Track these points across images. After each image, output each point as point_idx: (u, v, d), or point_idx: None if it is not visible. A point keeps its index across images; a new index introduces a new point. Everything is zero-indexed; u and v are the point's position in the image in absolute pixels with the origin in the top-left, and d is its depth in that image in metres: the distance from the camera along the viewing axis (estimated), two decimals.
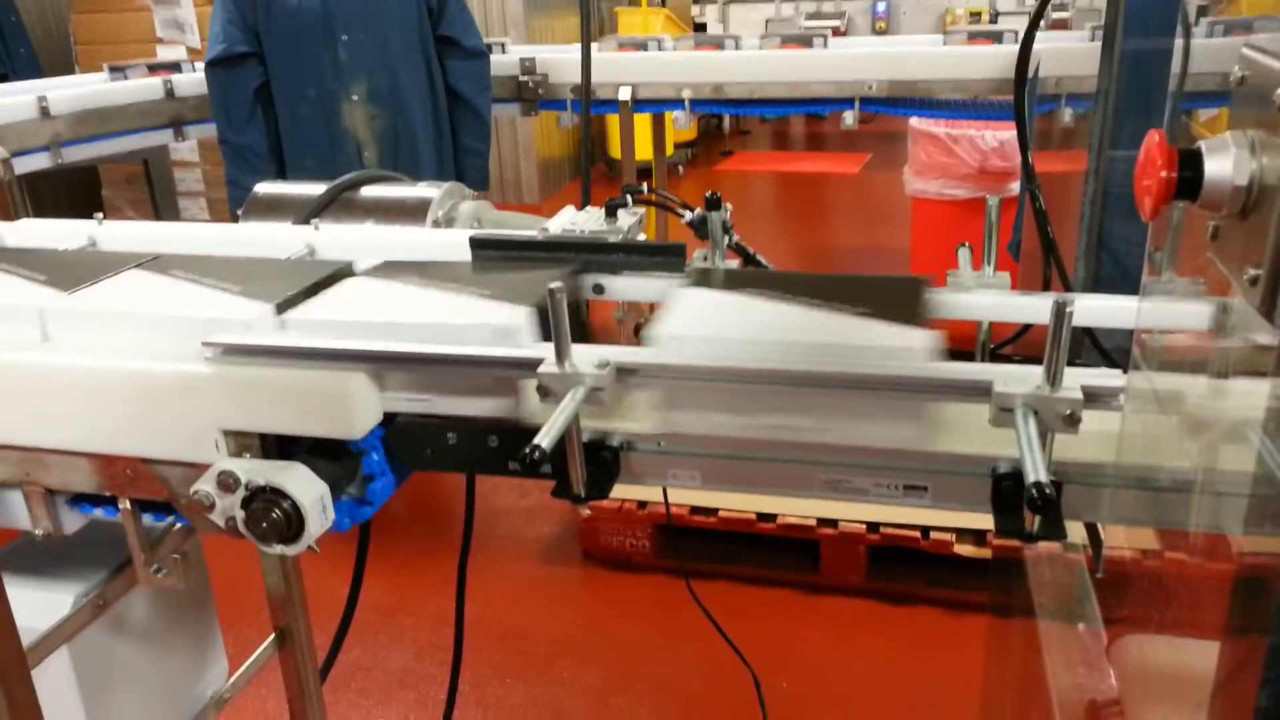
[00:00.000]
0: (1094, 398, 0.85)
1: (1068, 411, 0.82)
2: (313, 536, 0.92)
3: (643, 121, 3.69)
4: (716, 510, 2.25)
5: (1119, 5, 1.40)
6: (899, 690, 1.95)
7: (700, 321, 0.97)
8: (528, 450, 0.78)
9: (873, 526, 2.17)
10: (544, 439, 0.81)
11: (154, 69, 3.02)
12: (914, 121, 4.00)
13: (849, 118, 3.12)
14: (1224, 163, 0.58)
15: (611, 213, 1.29)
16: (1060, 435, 0.83)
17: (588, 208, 1.37)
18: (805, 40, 3.06)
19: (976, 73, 2.66)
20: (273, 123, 2.80)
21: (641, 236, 1.32)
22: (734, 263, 1.22)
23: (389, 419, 1.00)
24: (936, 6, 7.53)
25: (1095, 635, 0.94)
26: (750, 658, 1.93)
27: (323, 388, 0.95)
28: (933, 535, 2.10)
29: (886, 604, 2.18)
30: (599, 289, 1.23)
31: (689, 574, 2.12)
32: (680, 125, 3.40)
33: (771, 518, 2.23)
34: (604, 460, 0.94)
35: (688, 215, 1.29)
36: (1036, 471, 0.75)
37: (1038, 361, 0.83)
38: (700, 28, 7.50)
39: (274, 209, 1.47)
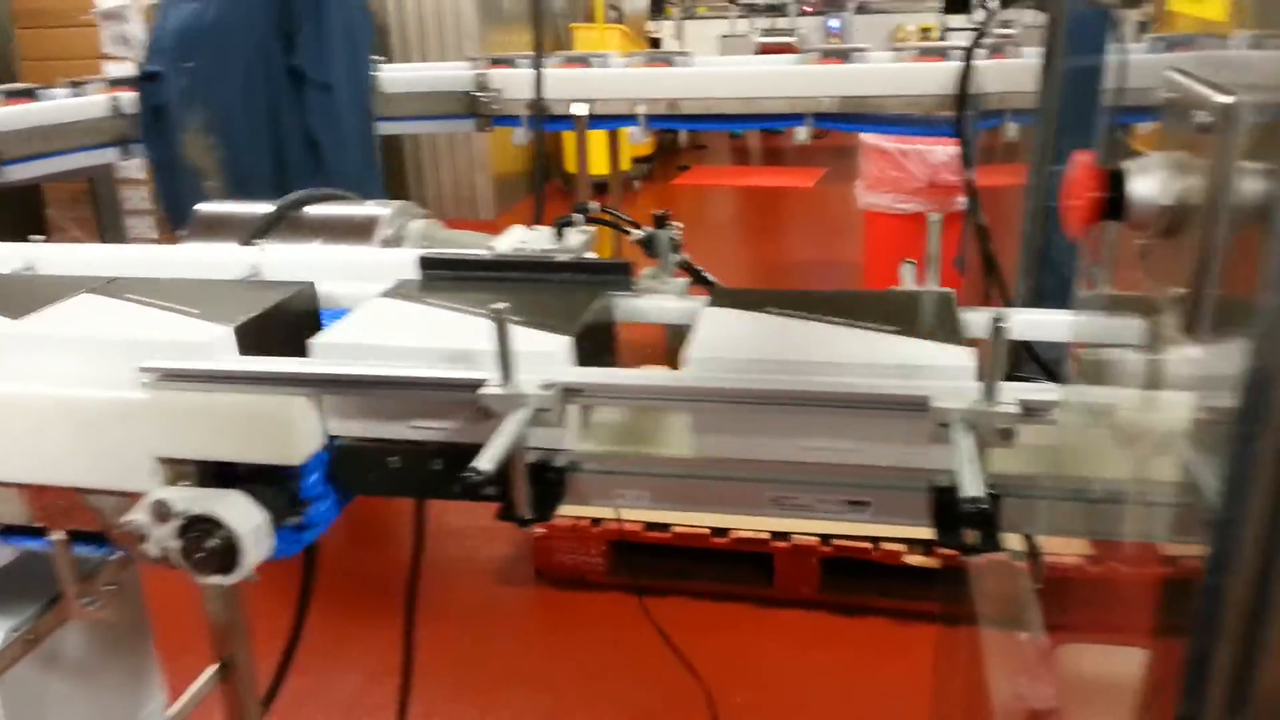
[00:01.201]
0: (1031, 412, 0.86)
1: (1004, 426, 0.84)
2: (249, 566, 0.90)
3: (598, 137, 3.70)
4: (670, 526, 2.25)
5: (1058, 24, 1.44)
6: (852, 700, 1.96)
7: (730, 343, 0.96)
8: (465, 474, 0.78)
9: (825, 539, 2.18)
10: (483, 462, 0.81)
11: (12, 96, 2.86)
12: (865, 136, 4.05)
13: (801, 133, 3.17)
14: (1147, 184, 0.60)
15: (561, 231, 1.29)
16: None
17: (537, 227, 1.37)
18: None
19: (924, 89, 2.72)
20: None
21: (593, 255, 1.32)
22: (682, 281, 1.22)
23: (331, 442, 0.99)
24: (887, 23, 7.66)
25: (1036, 644, 0.95)
26: (705, 673, 1.93)
27: (262, 413, 0.93)
28: (883, 546, 2.12)
29: (839, 615, 2.20)
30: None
31: (643, 591, 2.12)
32: (635, 141, 3.42)
33: (725, 532, 2.23)
34: (549, 481, 0.93)
35: (635, 233, 1.29)
36: (972, 487, 0.76)
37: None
38: (655, 43, 7.56)
39: (217, 229, 1.44)
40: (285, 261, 1.31)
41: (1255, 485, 0.52)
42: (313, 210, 1.46)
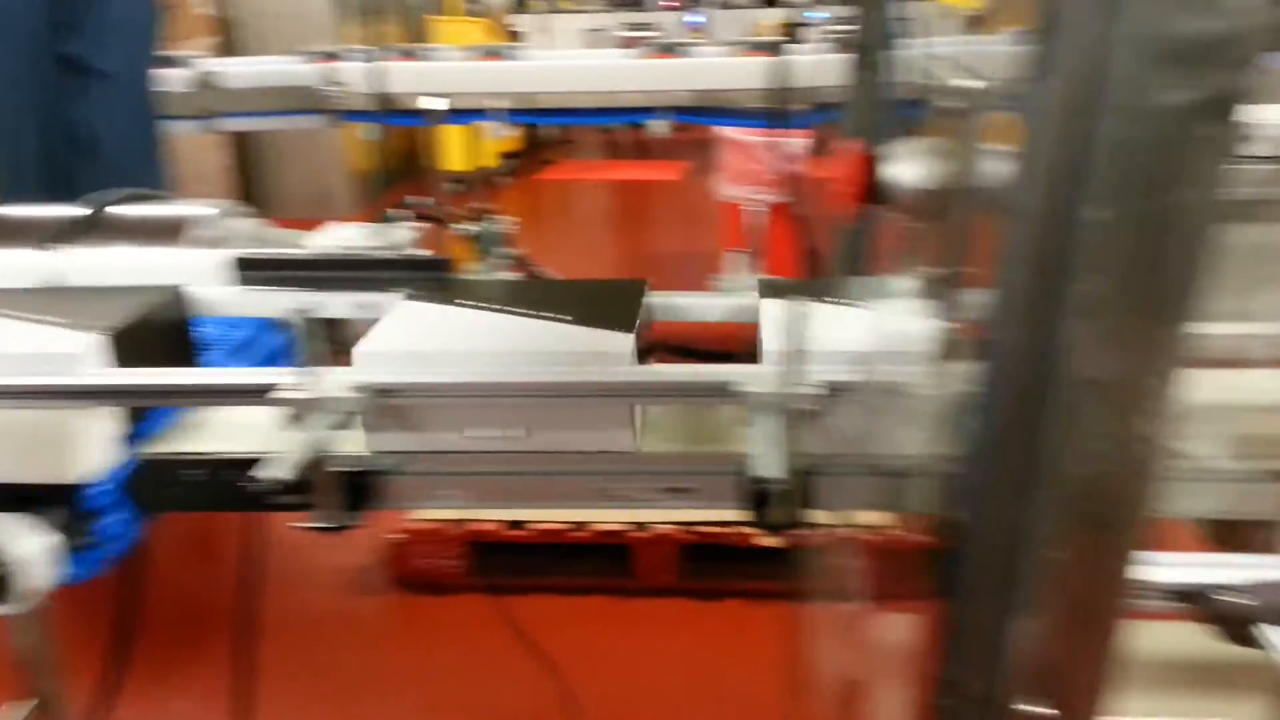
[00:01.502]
0: (836, 391, 0.89)
1: (807, 406, 0.86)
2: (31, 594, 0.84)
3: (458, 132, 3.62)
4: (528, 523, 2.23)
5: (870, 20, 1.50)
6: (712, 682, 1.99)
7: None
8: (250, 484, 0.74)
9: (685, 525, 2.21)
10: (279, 469, 0.78)
11: None
12: (721, 130, 4.11)
13: (659, 126, 3.21)
14: (902, 170, 0.62)
15: (386, 228, 1.27)
16: None
17: (362, 224, 1.33)
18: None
19: (746, 83, 2.79)
20: None
21: (427, 252, 1.29)
22: (515, 276, 1.22)
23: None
24: (746, 19, 7.79)
25: (854, 614, 0.99)
26: (568, 669, 1.92)
27: (41, 430, 0.87)
28: (741, 529, 2.16)
29: (699, 600, 2.23)
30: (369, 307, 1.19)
31: (504, 590, 2.10)
32: (493, 136, 3.38)
33: (584, 526, 2.23)
34: (359, 486, 0.91)
35: (457, 229, 1.27)
36: (769, 468, 0.78)
37: None
38: (515, 37, 7.48)
39: (12, 233, 1.35)
40: (90, 265, 1.24)
41: (997, 454, 0.54)
42: (124, 210, 1.38)
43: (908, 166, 0.62)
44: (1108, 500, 0.52)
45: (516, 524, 2.23)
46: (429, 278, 1.13)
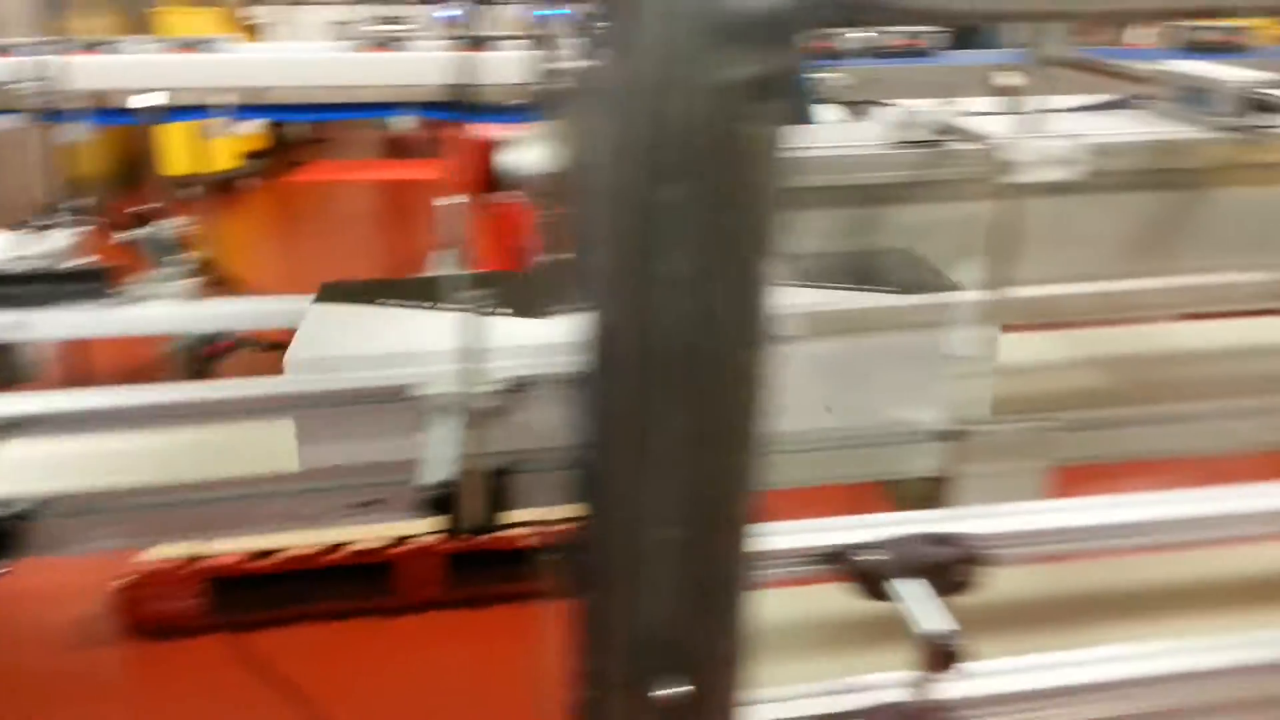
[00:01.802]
0: (521, 388, 0.87)
1: (485, 406, 0.84)
2: None
3: (183, 132, 3.33)
4: (276, 551, 2.08)
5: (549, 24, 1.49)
6: (480, 694, 1.95)
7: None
8: None
9: (447, 535, 2.14)
10: None
11: None
12: (475, 127, 4.04)
13: (398, 123, 3.14)
14: (513, 158, 0.61)
15: (39, 236, 1.13)
16: None
17: (6, 231, 1.18)
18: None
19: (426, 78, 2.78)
20: None
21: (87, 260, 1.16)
22: (181, 284, 1.11)
23: None
24: (504, 15, 7.69)
25: (552, 610, 0.98)
26: (325, 700, 1.82)
27: None
28: (501, 533, 2.12)
29: (467, 610, 2.18)
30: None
31: (246, 627, 1.96)
32: (220, 134, 3.16)
33: (338, 547, 2.11)
34: None
35: (124, 235, 1.16)
36: (437, 472, 0.75)
37: None
38: (250, 30, 7.01)
39: None
40: None
41: (609, 439, 0.54)
42: None
43: (525, 153, 0.61)
44: (719, 475, 0.53)
45: (261, 554, 2.07)
46: (84, 290, 1.01)
